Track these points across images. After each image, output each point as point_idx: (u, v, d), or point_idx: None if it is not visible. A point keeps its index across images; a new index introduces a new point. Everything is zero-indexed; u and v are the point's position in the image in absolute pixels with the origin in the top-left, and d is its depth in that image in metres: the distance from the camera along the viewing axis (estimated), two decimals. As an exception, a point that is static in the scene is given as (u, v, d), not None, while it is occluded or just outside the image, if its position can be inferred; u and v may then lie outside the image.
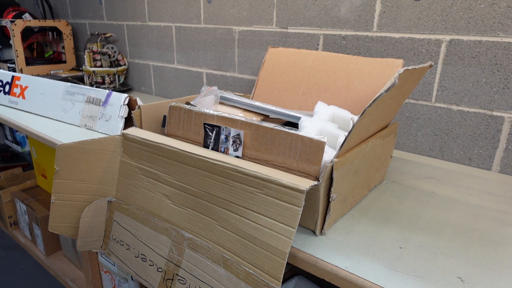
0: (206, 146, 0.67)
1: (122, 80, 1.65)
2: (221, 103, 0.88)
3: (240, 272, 0.52)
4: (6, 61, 1.82)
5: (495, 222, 0.62)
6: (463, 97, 0.86)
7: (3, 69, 1.76)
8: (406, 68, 0.53)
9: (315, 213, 0.56)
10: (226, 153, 0.65)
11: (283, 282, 0.80)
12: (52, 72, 1.79)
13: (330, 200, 0.55)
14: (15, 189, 1.76)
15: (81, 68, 1.87)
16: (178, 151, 0.62)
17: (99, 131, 1.00)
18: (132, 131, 0.72)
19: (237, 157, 0.63)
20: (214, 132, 0.65)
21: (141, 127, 0.80)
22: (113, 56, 1.61)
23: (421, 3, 0.87)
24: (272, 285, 0.49)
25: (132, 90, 1.72)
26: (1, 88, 1.26)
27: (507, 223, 0.62)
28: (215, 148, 0.66)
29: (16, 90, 1.22)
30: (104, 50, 1.57)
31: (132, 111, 0.79)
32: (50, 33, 1.83)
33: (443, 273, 0.49)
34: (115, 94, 0.99)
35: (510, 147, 0.82)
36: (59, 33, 1.84)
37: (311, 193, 0.54)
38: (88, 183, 0.70)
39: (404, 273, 0.49)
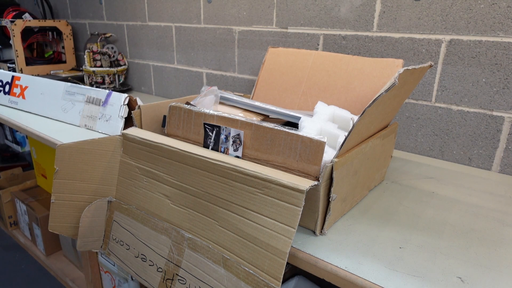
0: (206, 146, 0.67)
1: (122, 80, 1.65)
2: (221, 103, 0.88)
3: (240, 272, 0.52)
4: (6, 61, 1.82)
5: (495, 222, 0.62)
6: (463, 97, 0.86)
7: (3, 69, 1.76)
8: (406, 68, 0.53)
9: (315, 213, 0.55)
10: (226, 153, 0.65)
11: (283, 282, 0.80)
12: (52, 72, 1.79)
13: (330, 200, 0.55)
14: (15, 189, 1.76)
15: (81, 68, 1.87)
16: (178, 151, 0.62)
17: (99, 131, 1.00)
18: (132, 131, 0.72)
19: (237, 157, 0.63)
20: (214, 132, 0.65)
21: (141, 127, 0.80)
22: (113, 56, 1.61)
23: (421, 3, 0.87)
24: (272, 285, 0.49)
25: (132, 90, 1.72)
26: (1, 88, 1.26)
27: (507, 223, 0.62)
28: (215, 148, 0.66)
29: (16, 90, 1.22)
30: (104, 50, 1.57)
31: (132, 111, 0.79)
32: (50, 33, 1.83)
33: (443, 273, 0.49)
34: (115, 94, 0.99)
35: (510, 147, 0.82)
36: (59, 33, 1.84)
37: (311, 193, 0.54)
38: (88, 183, 0.70)
39: (404, 273, 0.49)
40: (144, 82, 1.65)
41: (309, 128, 0.68)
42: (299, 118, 0.76)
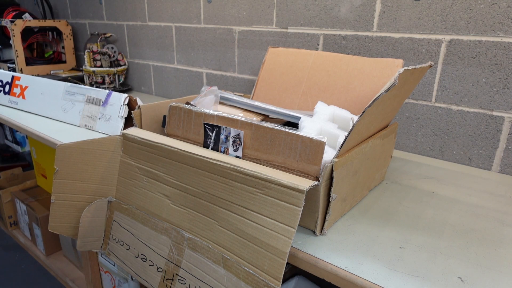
0: (206, 146, 0.67)
1: (122, 80, 1.65)
2: (221, 103, 0.88)
3: (240, 272, 0.52)
4: (6, 61, 1.82)
5: (495, 222, 0.62)
6: (463, 97, 0.86)
7: (3, 69, 1.76)
8: (406, 68, 0.53)
9: (315, 213, 0.56)
10: (226, 153, 0.65)
11: (283, 282, 0.80)
12: (52, 72, 1.79)
13: (330, 200, 0.55)
14: (15, 189, 1.76)
15: (81, 68, 1.87)
16: (178, 151, 0.62)
17: (99, 131, 1.00)
18: (132, 131, 0.72)
19: (237, 157, 0.63)
20: (214, 132, 0.65)
21: (141, 127, 0.80)
22: (113, 56, 1.61)
23: (421, 3, 0.87)
24: (272, 285, 0.49)
25: (132, 90, 1.72)
26: (1, 88, 1.26)
27: (507, 223, 0.62)
28: (215, 148, 0.66)
29: (16, 90, 1.22)
30: (104, 50, 1.57)
31: (132, 111, 0.79)
32: (50, 33, 1.83)
33: (443, 273, 0.49)
34: (115, 94, 0.99)
35: (510, 147, 0.82)
36: (59, 33, 1.84)
37: (311, 193, 0.54)
38: (88, 183, 0.70)
39: (404, 273, 0.49)
40: (144, 82, 1.65)
41: (309, 128, 0.68)
42: (299, 118, 0.76)
